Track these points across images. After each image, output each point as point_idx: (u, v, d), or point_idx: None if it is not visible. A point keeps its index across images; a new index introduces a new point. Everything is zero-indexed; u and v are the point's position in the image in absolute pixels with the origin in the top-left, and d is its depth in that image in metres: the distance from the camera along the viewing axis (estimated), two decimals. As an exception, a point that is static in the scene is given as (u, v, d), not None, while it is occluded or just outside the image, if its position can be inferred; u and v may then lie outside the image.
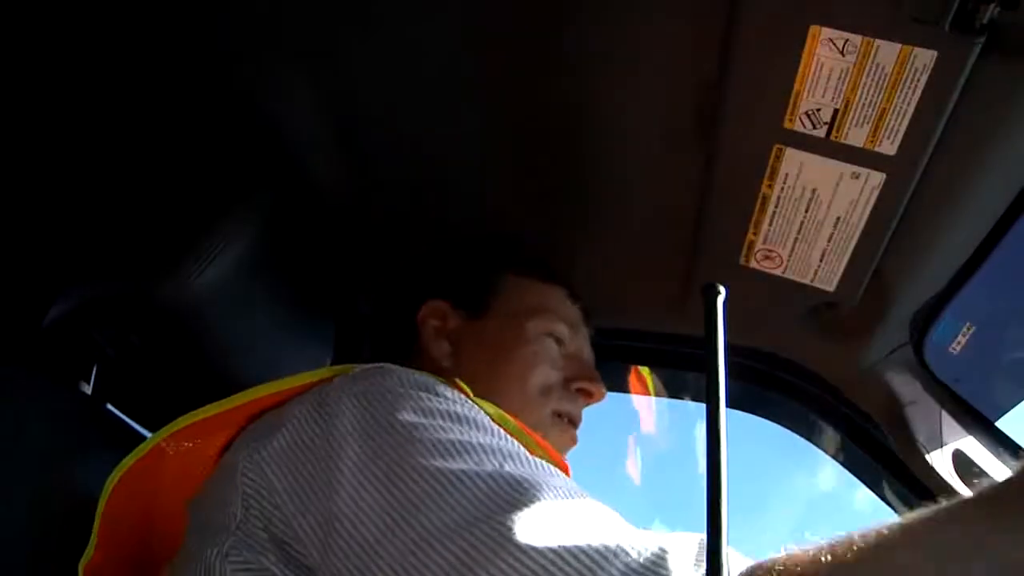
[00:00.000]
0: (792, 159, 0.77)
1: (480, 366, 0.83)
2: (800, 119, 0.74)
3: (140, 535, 0.71)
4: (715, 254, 0.91)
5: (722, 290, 0.81)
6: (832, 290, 0.88)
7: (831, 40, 0.67)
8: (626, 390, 1.23)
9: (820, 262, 0.86)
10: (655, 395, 1.23)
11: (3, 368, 0.80)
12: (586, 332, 0.93)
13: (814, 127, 0.74)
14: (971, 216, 0.78)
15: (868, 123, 0.71)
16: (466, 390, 0.68)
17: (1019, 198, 0.76)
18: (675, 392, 1.23)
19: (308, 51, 0.85)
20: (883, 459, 1.04)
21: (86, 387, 0.90)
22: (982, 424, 0.96)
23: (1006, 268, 0.82)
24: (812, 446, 1.12)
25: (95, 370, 0.91)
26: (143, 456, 0.69)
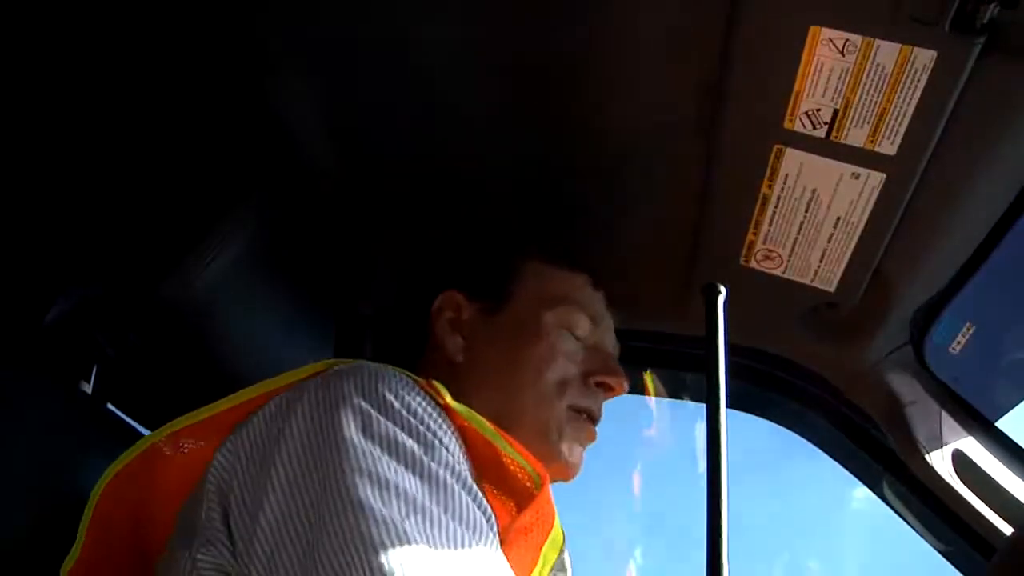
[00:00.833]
0: (792, 159, 0.77)
1: (494, 361, 0.80)
2: (800, 119, 0.74)
3: (131, 538, 0.69)
4: (715, 254, 0.91)
5: (722, 290, 0.82)
6: (832, 290, 0.88)
7: (831, 40, 0.67)
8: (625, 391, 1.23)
9: (820, 262, 0.86)
10: (655, 395, 1.23)
11: (3, 368, 0.80)
12: (609, 321, 0.89)
13: (814, 127, 0.74)
14: (971, 216, 0.78)
15: (868, 123, 0.71)
16: (441, 392, 0.66)
17: (1019, 198, 0.76)
18: (675, 392, 1.23)
19: (308, 49, 0.85)
20: (883, 459, 1.04)
21: (86, 387, 0.90)
22: (982, 424, 0.96)
23: (1006, 268, 0.82)
24: (812, 446, 1.12)
25: (95, 370, 0.91)
26: (138, 457, 0.67)
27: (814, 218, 0.82)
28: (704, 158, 0.83)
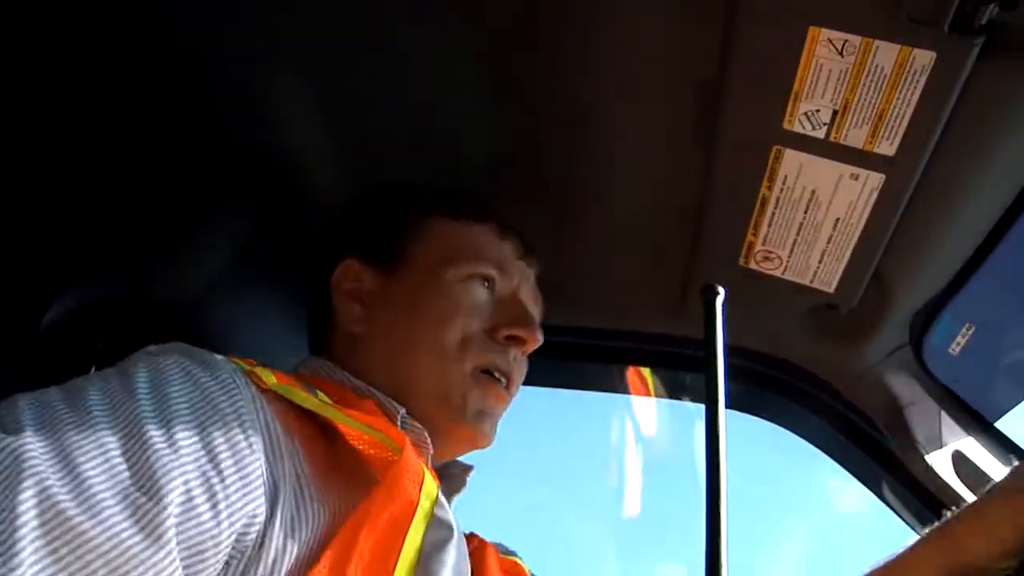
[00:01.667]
0: (791, 160, 0.77)
1: (392, 327, 0.74)
2: (799, 120, 0.74)
3: None
4: (714, 255, 0.91)
5: (721, 291, 0.82)
6: (831, 291, 0.88)
7: (830, 41, 0.67)
8: (626, 391, 1.23)
9: (819, 263, 0.86)
10: (655, 396, 1.23)
11: (1, 369, 0.80)
12: (524, 268, 0.81)
13: (813, 128, 0.74)
14: (971, 216, 0.78)
15: (867, 124, 0.71)
16: (262, 377, 0.58)
17: (1018, 199, 0.76)
18: (675, 393, 1.22)
19: (304, 54, 0.85)
20: (883, 459, 1.04)
21: (84, 388, 0.89)
22: (981, 425, 0.96)
23: (1006, 268, 0.82)
24: (812, 446, 1.12)
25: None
26: None
27: (813, 219, 0.82)
28: (703, 159, 0.83)
